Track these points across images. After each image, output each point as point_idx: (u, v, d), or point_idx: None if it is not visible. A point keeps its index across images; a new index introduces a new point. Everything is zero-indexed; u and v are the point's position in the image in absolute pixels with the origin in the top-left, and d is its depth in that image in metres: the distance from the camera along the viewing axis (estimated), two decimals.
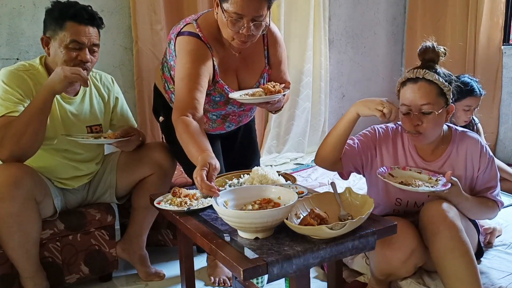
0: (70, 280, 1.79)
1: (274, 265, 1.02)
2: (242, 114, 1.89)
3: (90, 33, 1.65)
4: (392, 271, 1.52)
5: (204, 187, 1.25)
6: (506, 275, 1.66)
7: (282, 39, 1.86)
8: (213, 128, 1.90)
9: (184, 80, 1.58)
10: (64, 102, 1.72)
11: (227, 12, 1.48)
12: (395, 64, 3.99)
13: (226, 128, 1.92)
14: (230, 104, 1.78)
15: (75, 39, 1.61)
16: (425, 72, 1.48)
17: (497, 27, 3.28)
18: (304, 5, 3.20)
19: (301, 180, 2.84)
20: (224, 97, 1.73)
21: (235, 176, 1.62)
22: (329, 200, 1.33)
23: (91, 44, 1.66)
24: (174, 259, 2.12)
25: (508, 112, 3.36)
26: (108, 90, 1.89)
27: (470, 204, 1.53)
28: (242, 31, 1.51)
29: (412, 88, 1.49)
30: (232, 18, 1.49)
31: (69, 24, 1.61)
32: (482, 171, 1.58)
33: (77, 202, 1.86)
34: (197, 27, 1.64)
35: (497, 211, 1.62)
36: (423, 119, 1.48)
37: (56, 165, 1.73)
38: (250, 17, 1.49)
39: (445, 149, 1.59)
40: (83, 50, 1.64)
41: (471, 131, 1.67)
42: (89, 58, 1.65)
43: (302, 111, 3.34)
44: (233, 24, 1.50)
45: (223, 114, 1.84)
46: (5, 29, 2.13)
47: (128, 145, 1.81)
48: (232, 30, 1.52)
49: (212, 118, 1.85)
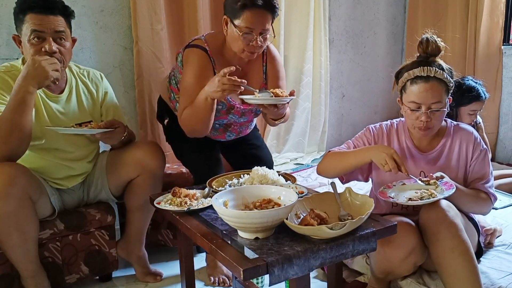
0: (70, 280, 1.79)
1: (274, 265, 1.02)
2: (243, 125, 2.01)
3: (50, 21, 1.59)
4: (392, 269, 1.52)
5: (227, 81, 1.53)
6: (506, 275, 1.66)
7: (281, 58, 2.08)
8: (214, 135, 1.98)
9: (188, 91, 1.76)
10: (50, 101, 1.70)
11: (239, 27, 1.69)
12: (395, 64, 3.99)
13: (227, 137, 2.00)
14: (232, 114, 1.89)
15: (34, 28, 1.57)
16: (436, 70, 1.52)
17: (497, 27, 3.27)
18: (304, 5, 3.20)
19: (301, 180, 2.84)
20: (225, 106, 1.84)
21: (235, 176, 1.62)
22: (329, 200, 1.33)
23: (52, 31, 1.59)
24: (174, 259, 2.12)
25: (508, 112, 3.35)
26: (97, 86, 1.86)
27: (464, 196, 1.54)
28: (252, 43, 1.71)
29: (424, 86, 1.52)
30: (243, 32, 1.69)
31: (29, 16, 1.58)
32: (474, 160, 1.62)
33: (74, 203, 1.86)
34: (204, 41, 1.81)
35: (490, 204, 1.63)
36: (432, 116, 1.53)
37: (48, 165, 1.71)
38: (259, 31, 1.70)
39: (440, 140, 1.64)
40: (47, 40, 1.58)
41: (466, 124, 1.71)
42: (54, 48, 1.59)
43: (302, 111, 3.34)
44: (244, 38, 1.70)
45: (225, 124, 1.94)
46: (5, 29, 2.13)
47: (112, 138, 1.73)
48: (244, 43, 1.71)
49: (214, 126, 1.90)
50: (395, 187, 1.57)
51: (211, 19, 2.72)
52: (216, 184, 1.56)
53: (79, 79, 1.82)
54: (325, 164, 1.69)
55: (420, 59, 1.58)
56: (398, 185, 1.58)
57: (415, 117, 1.54)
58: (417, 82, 1.53)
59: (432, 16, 3.64)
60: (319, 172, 1.72)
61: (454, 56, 3.41)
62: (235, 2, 1.67)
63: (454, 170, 1.62)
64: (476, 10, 3.32)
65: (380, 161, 1.48)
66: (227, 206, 1.21)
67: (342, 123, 3.79)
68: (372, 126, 1.74)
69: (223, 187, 1.53)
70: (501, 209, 2.22)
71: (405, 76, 1.57)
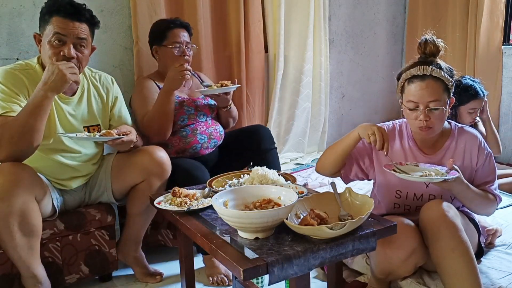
0: (70, 280, 1.79)
1: (274, 265, 1.02)
2: (210, 127, 2.19)
3: (75, 27, 1.62)
4: (392, 270, 1.52)
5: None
6: (506, 275, 1.66)
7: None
8: (189, 144, 2.11)
9: (143, 104, 2.12)
10: (61, 102, 1.71)
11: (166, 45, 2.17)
12: (395, 64, 3.99)
13: (200, 140, 2.13)
14: (185, 106, 2.14)
15: (57, 31, 1.59)
16: (432, 69, 1.51)
17: (497, 27, 3.27)
18: (304, 5, 3.20)
19: (301, 180, 2.84)
20: (177, 103, 2.11)
21: (235, 176, 1.62)
22: (329, 200, 1.33)
23: (75, 37, 1.62)
24: (174, 259, 2.12)
25: (508, 112, 3.36)
26: (107, 90, 1.87)
27: (472, 193, 1.53)
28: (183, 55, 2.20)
29: (420, 85, 1.51)
30: (174, 47, 2.17)
31: (55, 18, 1.60)
32: (480, 165, 1.61)
33: (75, 203, 1.86)
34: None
35: (495, 205, 1.63)
36: (430, 115, 1.51)
37: (53, 165, 1.72)
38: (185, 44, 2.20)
39: (444, 142, 1.62)
40: (67, 45, 1.61)
41: (470, 127, 1.70)
42: (73, 53, 1.62)
43: (302, 111, 3.34)
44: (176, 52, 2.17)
45: (192, 128, 2.13)
46: (5, 29, 2.13)
47: (124, 145, 1.74)
48: (176, 58, 2.13)
49: (182, 135, 2.11)
50: (407, 165, 1.56)
51: (211, 19, 2.72)
52: (216, 184, 1.56)
53: (91, 82, 1.83)
54: (321, 160, 1.70)
55: (419, 59, 1.58)
56: (411, 165, 1.57)
57: (415, 117, 1.54)
58: (413, 81, 1.53)
59: (432, 16, 3.64)
60: (318, 169, 1.72)
61: (454, 56, 3.41)
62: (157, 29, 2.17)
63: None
64: (476, 10, 3.31)
65: (367, 130, 1.50)
66: (227, 206, 1.21)
67: (342, 123, 3.79)
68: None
69: (223, 187, 1.53)
70: (501, 209, 2.22)
71: (403, 76, 1.57)
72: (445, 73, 1.52)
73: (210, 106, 2.23)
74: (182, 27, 2.17)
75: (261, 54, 3.00)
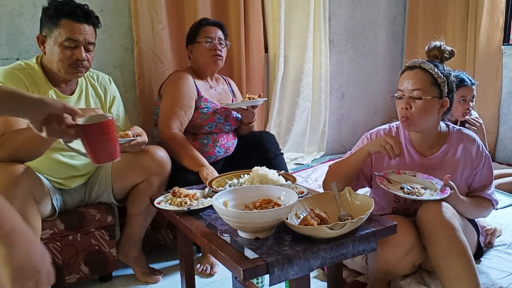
0: (70, 280, 1.79)
1: (274, 265, 1.02)
2: (229, 141, 2.22)
3: (86, 31, 1.64)
4: (391, 268, 1.52)
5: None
6: (506, 275, 1.66)
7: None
8: (206, 153, 2.11)
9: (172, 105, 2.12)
10: None
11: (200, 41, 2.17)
12: (395, 64, 3.99)
13: (217, 153, 2.15)
14: (218, 113, 2.14)
15: (70, 37, 1.61)
16: (422, 62, 1.55)
17: (497, 27, 3.27)
18: (304, 5, 3.20)
19: (301, 180, 2.84)
20: (210, 108, 2.12)
21: (235, 176, 1.62)
22: (329, 200, 1.33)
23: (86, 42, 1.65)
24: (174, 259, 2.12)
25: (508, 112, 3.35)
26: (105, 89, 1.87)
27: (466, 206, 1.56)
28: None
29: (408, 74, 1.57)
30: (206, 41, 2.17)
31: (64, 21, 1.61)
32: (479, 169, 1.61)
33: (75, 203, 1.85)
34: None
35: (491, 209, 1.66)
36: (412, 104, 1.53)
37: (52, 164, 1.72)
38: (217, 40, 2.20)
39: (442, 145, 1.63)
40: (79, 48, 1.63)
41: (468, 130, 1.70)
42: (84, 56, 1.65)
43: (302, 111, 3.34)
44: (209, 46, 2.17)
45: (214, 138, 2.15)
46: (5, 29, 2.13)
47: (137, 146, 1.73)
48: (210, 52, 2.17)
49: (203, 142, 2.12)
50: (404, 175, 1.57)
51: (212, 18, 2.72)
52: (216, 184, 1.56)
53: (89, 81, 1.84)
54: (329, 177, 1.66)
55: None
56: (408, 174, 1.57)
57: (400, 107, 1.56)
58: (404, 72, 1.59)
59: (432, 16, 3.64)
60: (326, 188, 1.66)
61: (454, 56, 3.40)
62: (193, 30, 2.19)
63: (456, 175, 1.59)
64: (476, 10, 3.32)
65: (379, 142, 1.51)
66: (227, 206, 1.21)
67: (342, 123, 3.79)
68: (368, 133, 1.74)
69: (223, 187, 1.53)
70: (501, 209, 2.22)
71: (400, 73, 1.62)
72: (438, 70, 1.53)
73: (237, 120, 2.26)
74: (215, 25, 2.20)
75: (261, 54, 3.00)
